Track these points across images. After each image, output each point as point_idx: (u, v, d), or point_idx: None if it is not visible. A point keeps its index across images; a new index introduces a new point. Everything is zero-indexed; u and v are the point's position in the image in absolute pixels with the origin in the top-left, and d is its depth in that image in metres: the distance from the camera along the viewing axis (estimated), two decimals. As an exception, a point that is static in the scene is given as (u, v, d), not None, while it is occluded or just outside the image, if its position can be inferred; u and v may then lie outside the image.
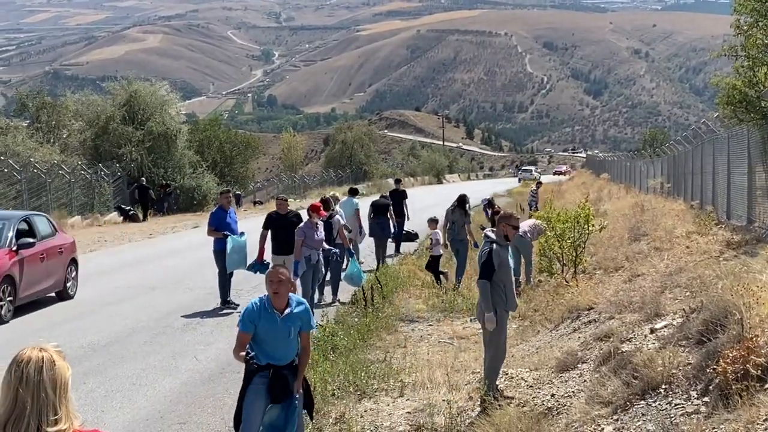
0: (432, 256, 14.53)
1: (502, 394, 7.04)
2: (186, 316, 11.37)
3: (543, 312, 10.70)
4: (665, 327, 7.00)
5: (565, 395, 6.69)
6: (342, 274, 12.79)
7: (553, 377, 7.34)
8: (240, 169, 44.50)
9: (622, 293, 9.29)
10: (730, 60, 14.11)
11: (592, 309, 9.33)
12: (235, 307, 11.67)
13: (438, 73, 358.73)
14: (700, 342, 6.01)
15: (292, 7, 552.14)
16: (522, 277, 13.27)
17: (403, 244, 18.80)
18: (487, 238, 7.35)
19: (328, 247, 11.82)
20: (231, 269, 11.94)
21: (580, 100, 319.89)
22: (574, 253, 12.32)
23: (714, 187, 15.65)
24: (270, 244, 11.49)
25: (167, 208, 32.62)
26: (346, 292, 12.81)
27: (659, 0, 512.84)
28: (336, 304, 12.39)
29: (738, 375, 4.99)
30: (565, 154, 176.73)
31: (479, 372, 7.81)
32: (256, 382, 5.38)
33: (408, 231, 18.98)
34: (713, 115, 19.79)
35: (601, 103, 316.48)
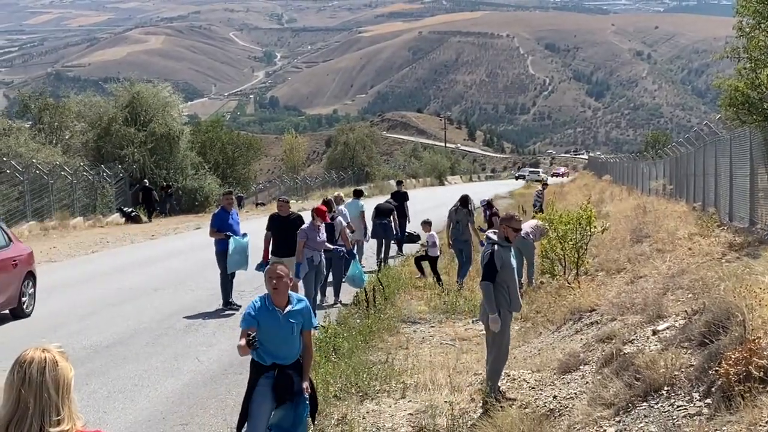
0: (429, 257, 14.55)
1: (504, 395, 7.04)
2: (188, 317, 11.38)
3: (545, 314, 10.70)
4: (667, 329, 7.00)
5: (567, 397, 6.69)
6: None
7: (555, 379, 7.34)
8: (242, 171, 44.51)
9: (624, 295, 9.29)
10: (733, 62, 14.10)
11: (594, 311, 9.33)
12: (237, 308, 11.67)
13: (440, 74, 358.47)
14: (702, 344, 6.01)
15: (294, 9, 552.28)
16: (524, 278, 13.27)
17: (404, 245, 18.81)
18: (489, 240, 7.37)
19: (332, 246, 11.82)
20: (232, 270, 11.95)
21: (582, 102, 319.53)
22: (576, 255, 12.32)
23: (716, 188, 15.65)
24: (256, 251, 11.52)
25: (169, 210, 32.65)
26: (348, 293, 12.81)
27: (661, 2, 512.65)
28: (338, 305, 12.39)
29: (740, 377, 4.99)
30: (567, 155, 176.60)
31: (481, 373, 7.81)
32: (262, 383, 5.38)
33: (410, 233, 19.00)
34: (715, 117, 19.78)
35: (603, 104, 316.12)
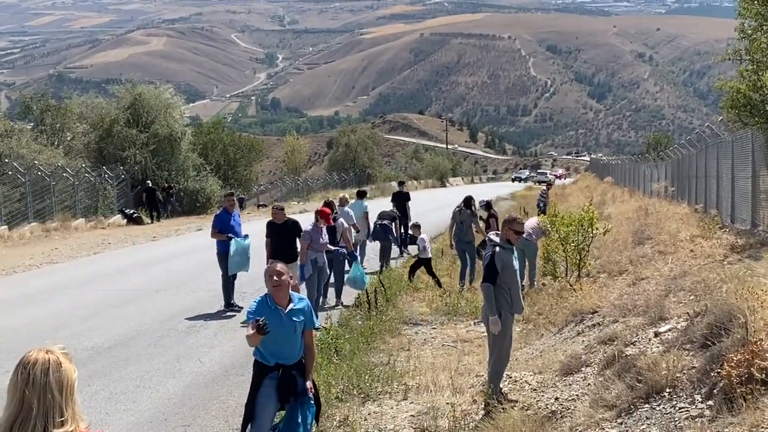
0: (421, 259, 14.64)
1: (506, 397, 7.04)
2: (190, 318, 11.39)
3: (547, 315, 10.70)
4: (669, 331, 7.00)
5: (569, 399, 6.69)
6: (345, 277, 12.79)
7: (557, 381, 7.33)
8: (243, 172, 44.57)
9: (626, 297, 9.29)
10: (734, 64, 14.07)
11: (596, 312, 9.33)
12: (238, 309, 11.67)
13: (441, 76, 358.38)
14: (704, 346, 6.01)
15: (296, 11, 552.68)
16: (525, 280, 13.26)
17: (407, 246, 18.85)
18: (491, 242, 7.36)
19: (333, 247, 11.83)
20: (233, 271, 11.96)
21: (583, 104, 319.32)
22: (578, 257, 12.32)
23: (718, 190, 15.64)
24: (257, 252, 11.56)
25: (170, 211, 32.67)
26: (350, 295, 12.81)
27: (663, 3, 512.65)
28: (339, 307, 12.39)
29: (742, 379, 4.99)
30: (569, 157, 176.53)
31: (483, 375, 7.81)
32: (266, 384, 5.39)
33: (411, 234, 19.02)
34: (717, 119, 19.73)
35: (605, 106, 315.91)
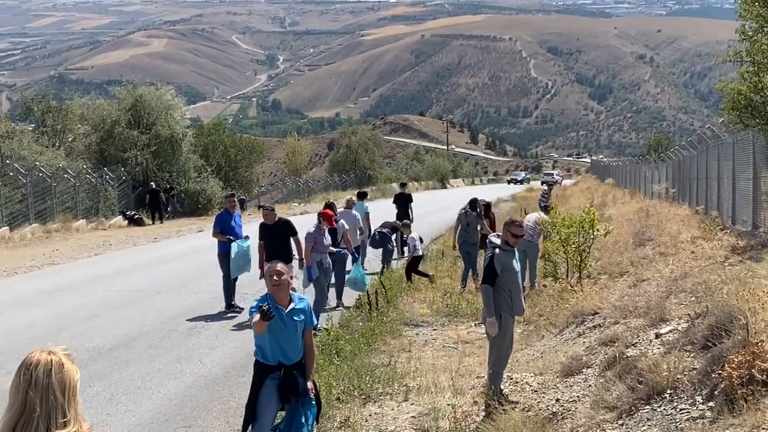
0: (414, 258, 14.82)
1: (506, 398, 7.04)
2: (191, 319, 11.40)
3: (548, 317, 10.70)
4: (670, 332, 7.00)
5: (570, 400, 6.69)
6: (345, 278, 12.80)
7: (558, 382, 7.34)
8: (244, 174, 44.59)
9: (627, 298, 9.28)
10: (735, 65, 14.07)
11: (597, 314, 9.33)
12: (239, 310, 11.68)
13: (442, 77, 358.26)
14: (705, 347, 6.01)
15: (297, 12, 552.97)
16: (526, 281, 13.26)
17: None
18: (491, 244, 7.36)
19: (335, 249, 11.86)
20: (235, 275, 11.97)
21: (584, 105, 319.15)
22: (579, 258, 12.30)
23: (719, 192, 15.64)
24: (257, 254, 11.43)
25: (171, 212, 32.69)
26: (350, 296, 12.81)
27: (664, 5, 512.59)
28: (340, 308, 12.40)
29: (743, 380, 4.99)
30: (570, 159, 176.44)
31: (484, 376, 7.81)
32: (268, 384, 5.41)
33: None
34: (718, 121, 19.75)
35: (606, 108, 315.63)
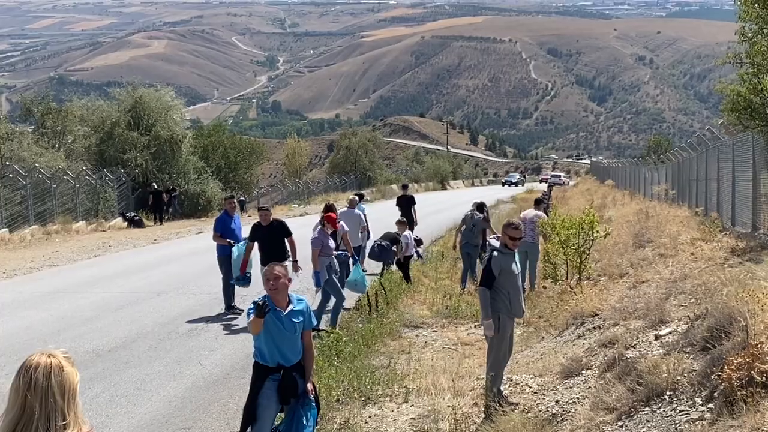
0: (406, 257, 14.91)
1: (506, 400, 7.04)
2: (190, 321, 11.39)
3: (547, 318, 10.71)
4: (670, 333, 7.00)
5: (570, 401, 6.69)
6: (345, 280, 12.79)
7: (558, 383, 7.34)
8: (244, 175, 44.54)
9: (626, 300, 9.28)
10: (735, 67, 14.05)
11: (596, 315, 9.33)
12: (239, 312, 11.68)
13: (442, 79, 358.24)
14: (704, 349, 6.01)
15: (297, 14, 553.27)
16: (526, 283, 13.26)
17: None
18: (490, 246, 7.37)
19: (336, 252, 11.87)
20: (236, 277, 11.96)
21: (584, 107, 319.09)
22: (579, 260, 12.31)
23: (719, 193, 15.64)
24: (257, 255, 11.32)
25: (172, 213, 32.70)
26: (350, 298, 12.80)
27: (663, 7, 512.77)
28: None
29: (743, 382, 4.99)
30: (570, 160, 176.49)
31: (483, 378, 7.81)
32: (267, 386, 5.41)
33: (415, 237, 19.05)
34: (718, 122, 19.72)
35: (606, 109, 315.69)
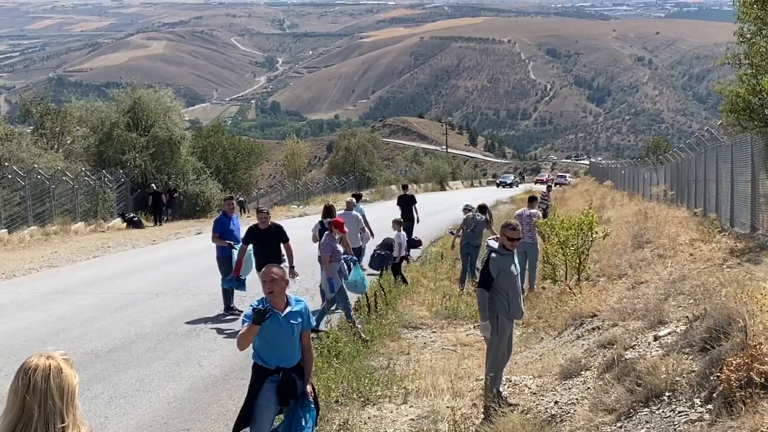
0: (400, 258, 14.93)
1: (505, 401, 7.04)
2: (190, 322, 11.39)
3: (546, 319, 10.71)
4: (669, 334, 7.00)
5: (569, 402, 6.69)
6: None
7: (557, 384, 7.34)
8: (243, 176, 44.53)
9: (625, 300, 9.29)
10: (734, 68, 14.07)
11: (595, 316, 9.33)
12: (238, 313, 11.67)
13: (441, 80, 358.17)
14: (703, 349, 6.01)
15: (296, 14, 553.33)
16: (525, 284, 13.26)
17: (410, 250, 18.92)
18: (488, 247, 7.37)
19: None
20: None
21: (583, 108, 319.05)
22: (578, 260, 12.31)
23: (717, 194, 15.65)
24: (253, 259, 11.26)
25: (171, 214, 32.69)
26: (350, 298, 12.78)
27: (662, 7, 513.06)
28: (339, 310, 12.37)
29: (742, 382, 4.99)
30: (568, 161, 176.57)
31: (483, 379, 7.82)
32: (267, 387, 5.41)
33: (413, 237, 19.04)
34: (716, 123, 19.72)
35: (605, 110, 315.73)
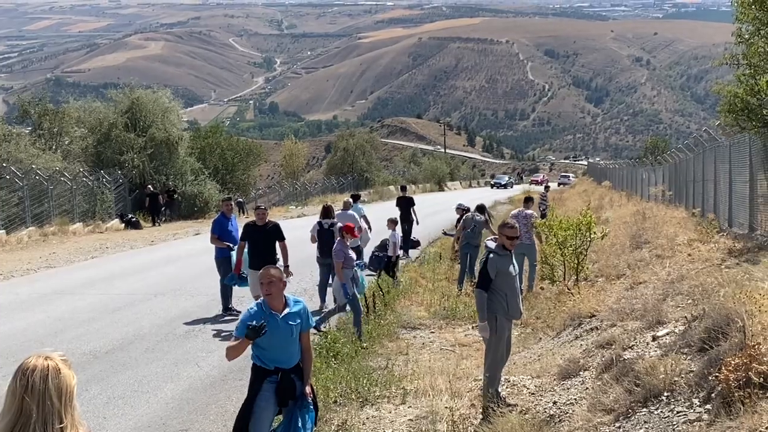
0: (396, 257, 14.99)
1: (504, 401, 7.04)
2: (188, 323, 11.38)
3: (545, 319, 10.72)
4: (667, 334, 7.00)
5: (567, 403, 6.69)
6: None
7: (555, 385, 7.34)
8: (241, 176, 44.49)
9: (623, 301, 9.29)
10: (732, 68, 14.08)
11: (594, 316, 9.34)
12: (236, 314, 11.66)
13: (439, 80, 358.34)
14: (702, 349, 6.02)
15: (294, 15, 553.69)
16: (524, 284, 13.27)
17: (409, 250, 18.95)
18: (486, 248, 7.37)
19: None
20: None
21: (581, 108, 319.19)
22: (576, 261, 12.32)
23: (716, 194, 15.66)
24: (247, 257, 11.13)
25: (170, 215, 32.66)
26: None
27: (660, 8, 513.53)
28: (337, 311, 12.36)
29: (740, 382, 4.99)
30: (567, 161, 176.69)
31: (481, 379, 7.82)
32: (266, 388, 5.40)
33: (411, 238, 19.10)
34: (715, 123, 19.75)
35: (603, 110, 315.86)
